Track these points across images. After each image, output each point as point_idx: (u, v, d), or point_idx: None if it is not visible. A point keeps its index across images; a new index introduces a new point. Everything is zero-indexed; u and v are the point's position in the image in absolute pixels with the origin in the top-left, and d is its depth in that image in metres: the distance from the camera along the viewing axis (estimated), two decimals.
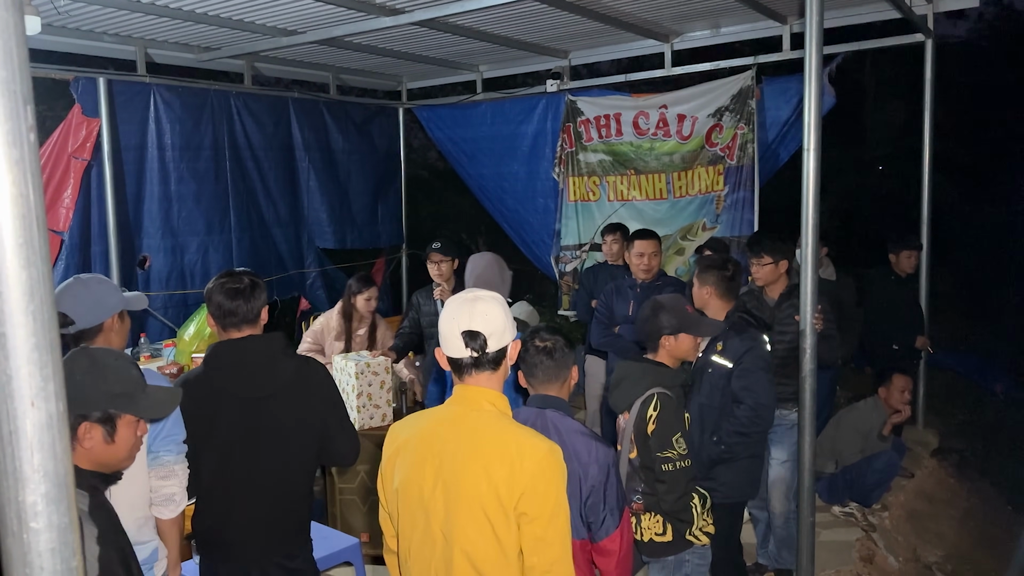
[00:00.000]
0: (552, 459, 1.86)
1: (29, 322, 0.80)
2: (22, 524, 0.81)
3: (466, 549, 1.86)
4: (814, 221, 3.25)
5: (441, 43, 6.48)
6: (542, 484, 1.83)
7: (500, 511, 1.83)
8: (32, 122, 0.80)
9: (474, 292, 2.00)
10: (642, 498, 2.93)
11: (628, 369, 3.08)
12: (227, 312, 2.60)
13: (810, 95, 3.22)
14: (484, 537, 1.85)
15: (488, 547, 1.85)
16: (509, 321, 1.98)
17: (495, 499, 1.83)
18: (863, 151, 13.56)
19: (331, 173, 7.56)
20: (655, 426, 2.87)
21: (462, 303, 1.95)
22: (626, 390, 2.99)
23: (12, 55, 0.78)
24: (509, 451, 1.85)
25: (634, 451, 2.95)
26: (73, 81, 5.49)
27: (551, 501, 1.84)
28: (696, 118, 6.55)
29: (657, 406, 2.88)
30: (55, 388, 0.82)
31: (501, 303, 1.98)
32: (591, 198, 7.21)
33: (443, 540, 1.89)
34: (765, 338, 3.50)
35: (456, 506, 1.87)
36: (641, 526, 2.93)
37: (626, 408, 2.99)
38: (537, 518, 1.83)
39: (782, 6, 5.69)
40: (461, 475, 1.87)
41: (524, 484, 1.82)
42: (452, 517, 1.88)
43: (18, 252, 0.80)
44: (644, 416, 2.89)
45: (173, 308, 6.18)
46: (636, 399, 2.93)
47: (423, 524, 1.93)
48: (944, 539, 4.93)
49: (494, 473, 1.83)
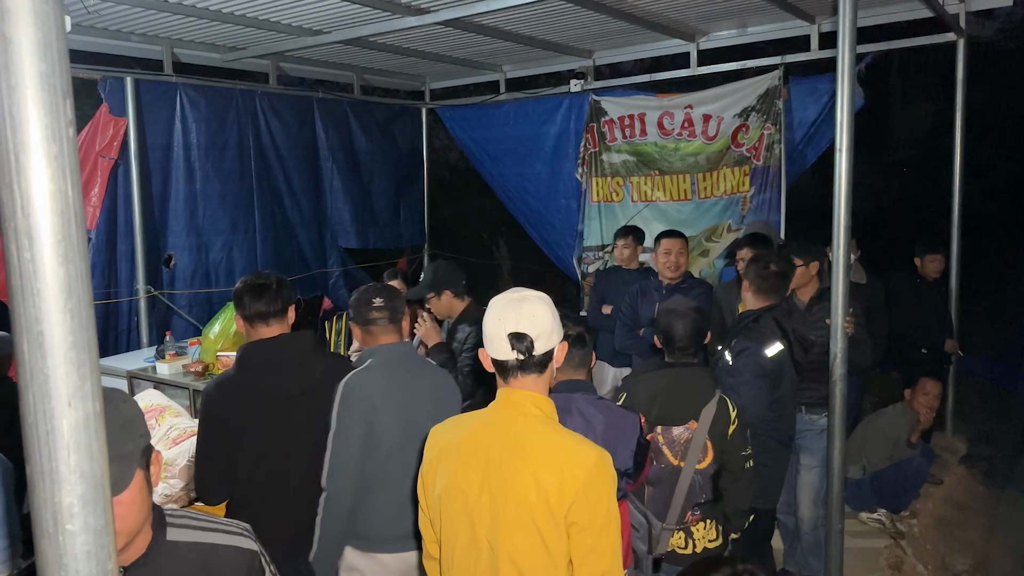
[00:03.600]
0: (603, 467, 1.81)
1: (67, 320, 0.79)
2: (58, 526, 0.80)
3: (513, 557, 1.81)
4: (846, 223, 3.20)
5: (465, 43, 6.47)
6: (594, 493, 1.78)
7: (550, 520, 1.78)
8: (71, 116, 0.79)
9: (520, 292, 1.94)
10: (699, 509, 2.86)
11: (681, 376, 2.95)
12: (257, 310, 2.62)
13: (843, 94, 3.17)
14: (532, 546, 1.80)
15: (536, 556, 1.80)
16: (557, 322, 1.92)
17: (545, 507, 1.78)
18: (892, 152, 13.38)
19: (354, 173, 7.58)
20: (736, 425, 2.82)
21: (508, 303, 1.89)
22: (689, 398, 2.87)
23: (52, 48, 0.77)
24: (559, 458, 1.79)
25: (707, 459, 2.83)
26: (101, 80, 5.54)
27: (603, 510, 1.79)
28: (722, 118, 6.49)
29: (734, 406, 2.84)
30: (92, 388, 0.81)
31: (548, 303, 1.92)
32: (614, 199, 7.16)
33: (489, 548, 1.84)
34: (779, 346, 3.41)
35: (503, 513, 1.82)
36: (693, 538, 2.85)
37: (692, 418, 2.85)
38: (588, 527, 1.78)
39: (810, 5, 5.62)
40: (509, 482, 1.82)
41: (575, 492, 1.76)
42: (499, 524, 1.82)
43: (56, 248, 0.78)
44: (725, 418, 2.82)
45: (198, 306, 6.22)
46: (702, 405, 2.84)
47: (468, 531, 1.88)
48: (973, 547, 4.84)
49: (544, 481, 1.78)
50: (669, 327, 2.98)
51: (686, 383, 2.91)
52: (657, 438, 2.90)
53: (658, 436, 2.91)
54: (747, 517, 2.94)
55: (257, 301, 2.62)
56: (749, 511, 2.93)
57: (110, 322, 5.76)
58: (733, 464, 2.83)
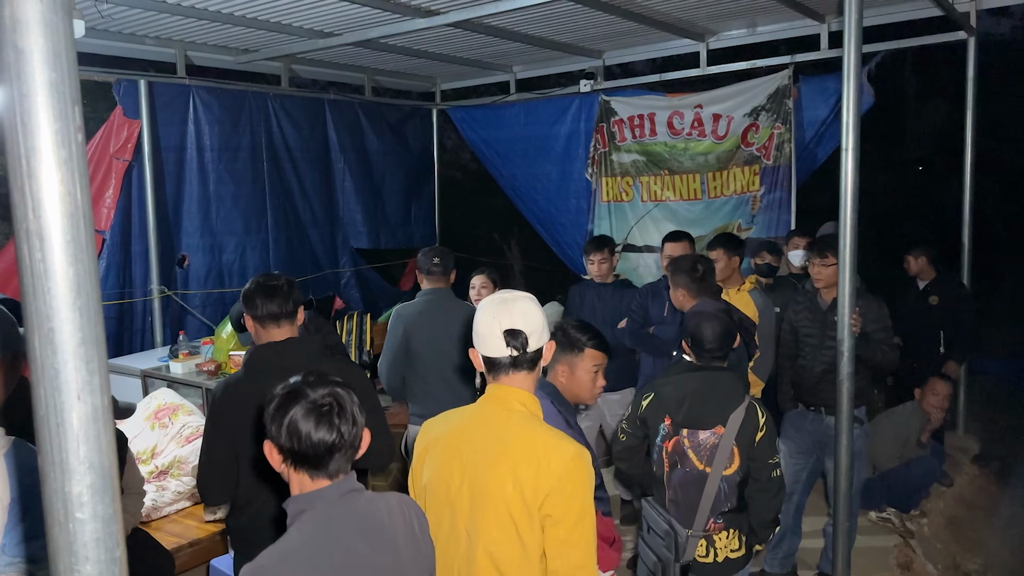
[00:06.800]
0: (580, 462, 1.85)
1: (76, 317, 0.82)
2: (68, 514, 0.84)
3: (489, 549, 1.86)
4: (852, 222, 3.20)
5: (475, 44, 6.50)
6: (568, 486, 1.82)
7: (525, 512, 1.82)
8: (80, 122, 0.82)
9: (510, 292, 2.00)
10: (722, 518, 2.82)
11: (710, 380, 2.91)
12: (269, 311, 2.65)
13: (849, 94, 3.17)
14: (508, 537, 1.84)
15: (511, 548, 1.85)
16: (545, 322, 1.97)
17: (520, 500, 1.82)
18: (903, 151, 13.32)
19: (366, 174, 7.64)
20: (764, 432, 2.78)
21: (501, 303, 1.94)
22: (717, 402, 2.84)
23: (61, 58, 0.80)
24: (536, 452, 1.84)
25: (734, 465, 2.80)
26: (115, 83, 5.61)
27: (577, 504, 1.83)
28: (732, 118, 6.49)
29: (764, 412, 2.80)
30: (100, 382, 0.84)
31: (537, 303, 1.98)
32: (624, 198, 7.18)
33: (467, 538, 1.89)
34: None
35: (481, 505, 1.87)
36: (716, 547, 2.83)
37: (720, 422, 2.82)
38: (562, 521, 1.82)
39: (820, 4, 5.61)
40: (487, 474, 1.87)
41: (550, 486, 1.81)
42: (477, 516, 1.88)
43: (65, 249, 0.82)
44: (754, 424, 2.78)
45: (211, 306, 6.28)
46: (731, 410, 2.80)
47: (449, 521, 1.93)
48: (984, 547, 4.82)
49: (520, 473, 1.83)
50: (698, 330, 2.93)
51: (715, 387, 2.87)
52: (683, 441, 2.87)
53: (684, 440, 2.87)
54: (772, 528, 2.88)
55: (269, 302, 2.66)
56: (775, 522, 2.88)
57: (124, 322, 5.83)
58: (760, 472, 2.79)
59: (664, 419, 2.93)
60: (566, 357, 2.49)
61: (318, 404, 1.61)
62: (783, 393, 4.23)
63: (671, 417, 2.90)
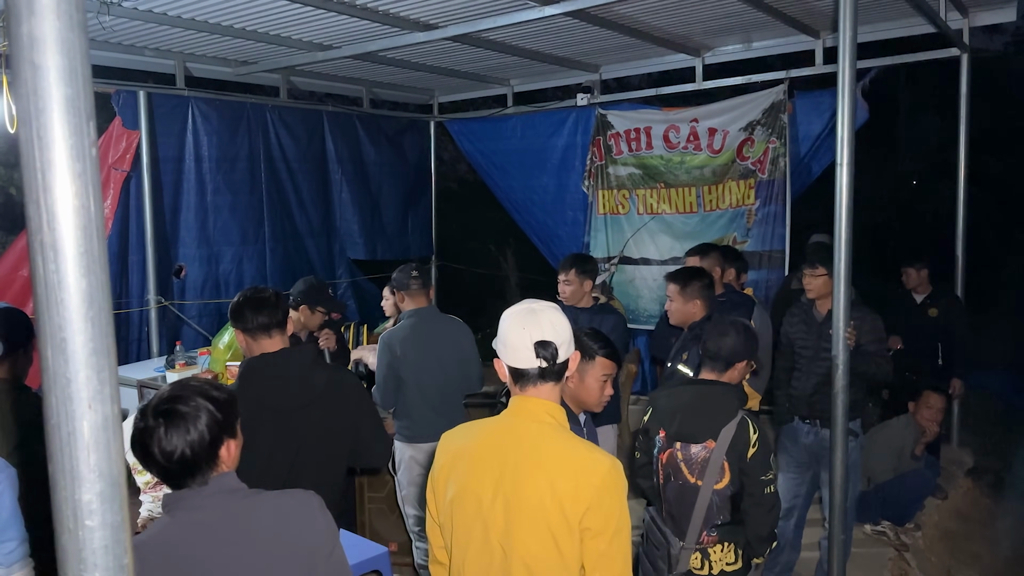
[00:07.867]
0: (616, 474, 1.85)
1: (88, 328, 0.84)
2: (77, 522, 0.84)
3: (527, 562, 1.85)
4: (847, 236, 3.24)
5: (473, 57, 6.54)
6: (607, 499, 1.82)
7: (564, 525, 1.82)
8: (94, 137, 0.84)
9: (536, 302, 1.96)
10: (716, 531, 2.82)
11: (704, 393, 2.91)
12: (260, 322, 2.68)
13: (843, 109, 3.21)
14: (546, 550, 1.84)
15: (550, 560, 1.84)
16: (572, 332, 1.96)
17: (559, 513, 1.81)
18: (896, 165, 13.40)
19: (363, 185, 7.65)
20: (756, 449, 2.76)
21: (528, 313, 1.91)
22: (708, 416, 2.83)
23: (77, 74, 0.82)
24: (574, 465, 1.83)
25: (725, 479, 2.79)
26: (114, 94, 5.63)
27: (615, 516, 1.83)
28: (727, 132, 6.54)
29: (756, 428, 2.78)
30: (111, 391, 0.86)
31: (563, 313, 1.96)
32: (620, 211, 7.21)
33: (502, 552, 1.88)
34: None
35: (517, 518, 1.85)
36: (711, 560, 2.83)
37: (711, 436, 2.81)
38: (601, 533, 1.82)
39: (815, 20, 5.67)
40: (524, 488, 1.85)
41: (589, 499, 1.80)
42: (513, 529, 1.86)
43: (79, 261, 0.83)
44: (745, 440, 2.75)
45: (208, 317, 6.28)
46: (722, 425, 2.78)
47: (480, 535, 1.91)
48: (978, 559, 4.83)
49: (559, 487, 1.82)
50: (717, 343, 2.93)
51: (707, 401, 2.87)
52: (676, 454, 2.87)
53: (677, 452, 2.87)
54: (769, 543, 2.86)
55: (259, 314, 2.69)
56: (771, 537, 2.85)
57: (121, 332, 5.82)
58: (754, 487, 2.77)
59: (659, 431, 2.94)
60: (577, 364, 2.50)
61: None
62: (779, 405, 4.25)
63: (665, 430, 2.91)
